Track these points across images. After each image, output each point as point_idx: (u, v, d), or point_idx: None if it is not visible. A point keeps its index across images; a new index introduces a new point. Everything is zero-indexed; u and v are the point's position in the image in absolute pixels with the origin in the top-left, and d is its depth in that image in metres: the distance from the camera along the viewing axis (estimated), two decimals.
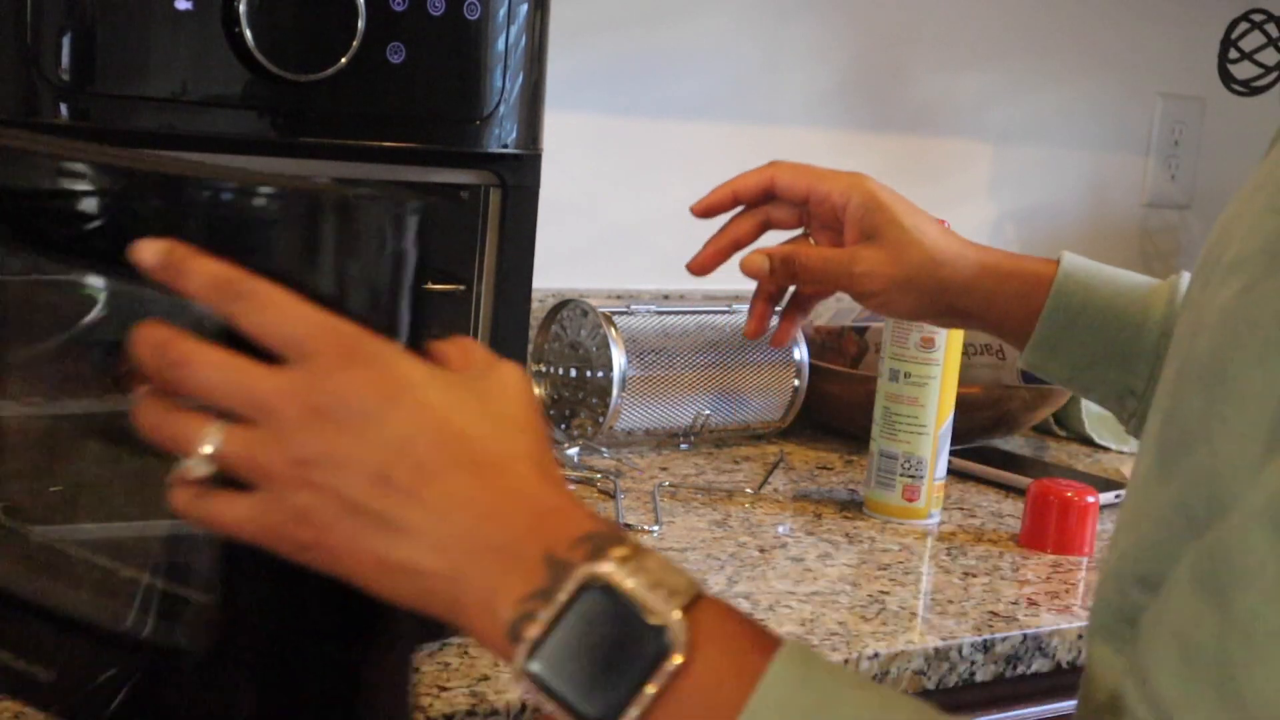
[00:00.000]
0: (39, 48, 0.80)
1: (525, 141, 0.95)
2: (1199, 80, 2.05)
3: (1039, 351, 0.98)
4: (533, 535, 0.58)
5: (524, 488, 0.60)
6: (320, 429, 0.58)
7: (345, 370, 0.58)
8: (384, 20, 0.87)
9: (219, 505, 0.60)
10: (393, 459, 0.58)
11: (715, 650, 0.56)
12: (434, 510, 0.58)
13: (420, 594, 0.60)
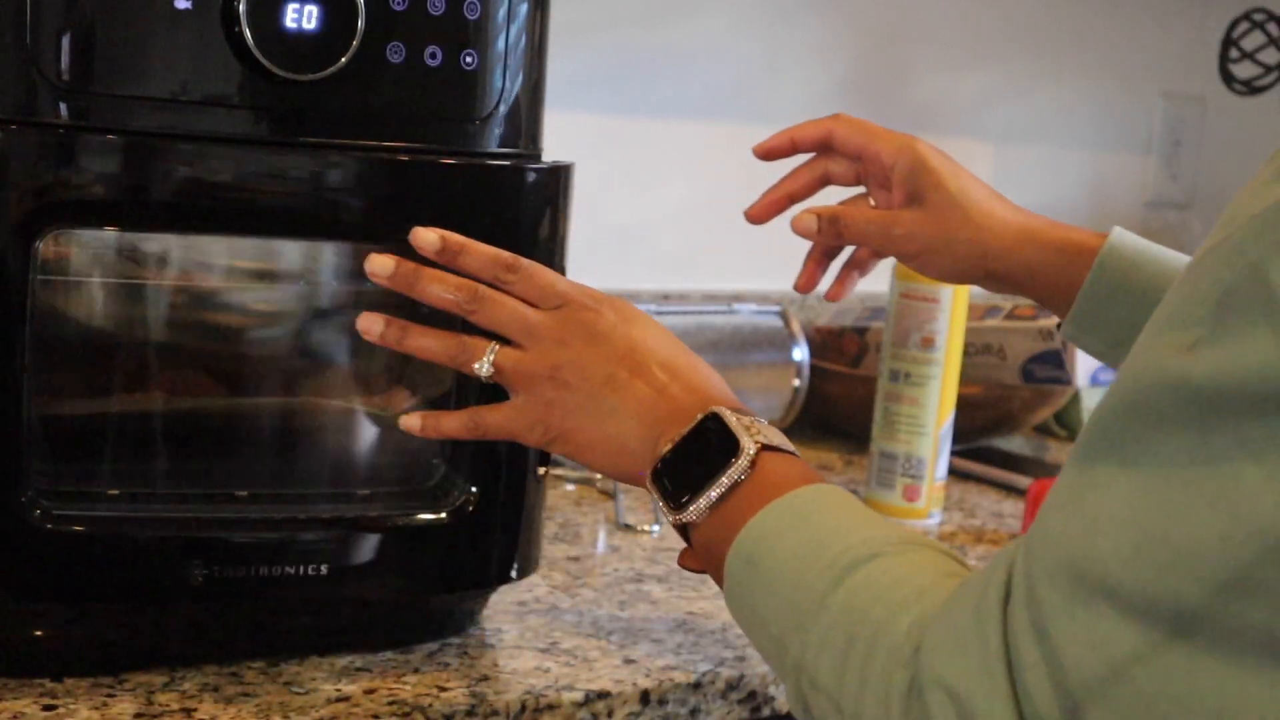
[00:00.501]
0: (39, 48, 0.80)
1: (525, 141, 0.95)
2: (1200, 80, 2.05)
3: (1077, 324, 0.98)
4: (700, 404, 0.80)
5: (703, 384, 0.82)
6: (571, 345, 0.83)
7: (590, 309, 0.84)
8: (384, 20, 0.87)
9: (487, 415, 0.85)
10: (618, 362, 0.82)
11: (769, 476, 0.75)
12: (642, 396, 0.81)
13: (619, 454, 0.82)
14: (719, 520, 0.76)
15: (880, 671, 0.64)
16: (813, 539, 0.71)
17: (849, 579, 0.68)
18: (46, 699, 0.84)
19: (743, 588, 0.73)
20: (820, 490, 0.75)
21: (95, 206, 0.84)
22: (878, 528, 0.71)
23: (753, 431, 0.77)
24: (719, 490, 0.76)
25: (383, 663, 0.93)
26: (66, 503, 0.88)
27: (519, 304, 0.84)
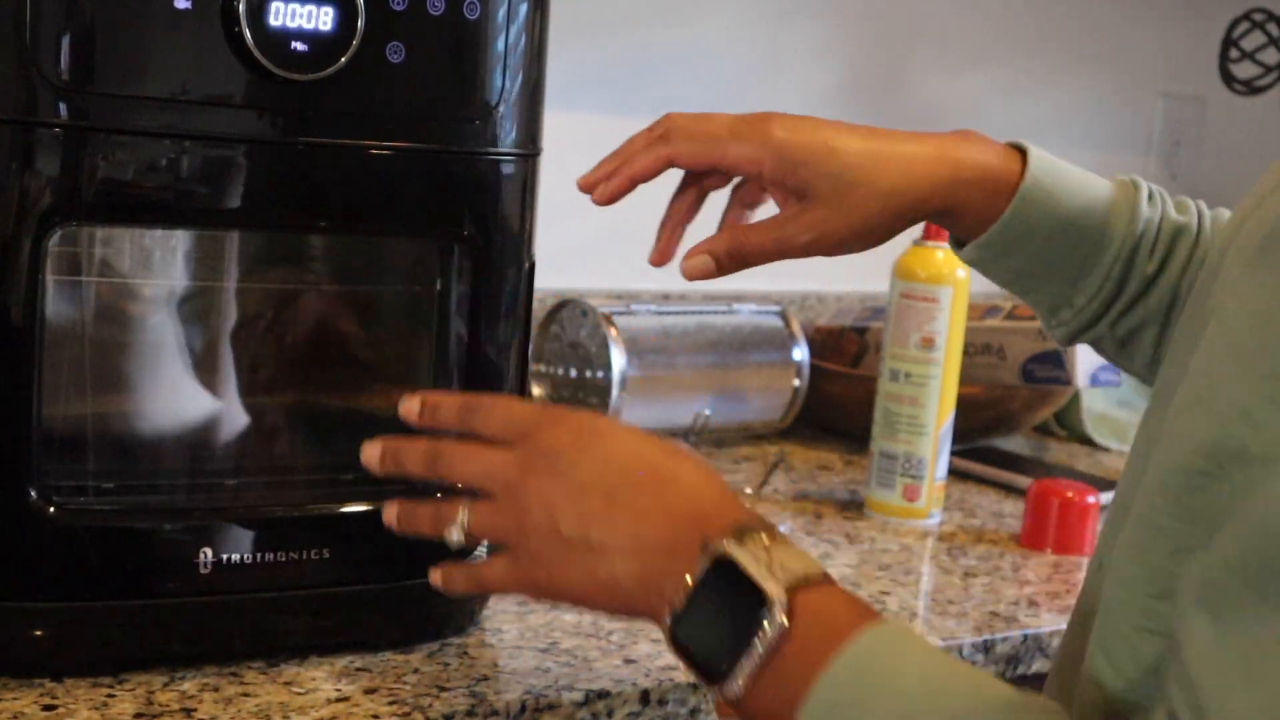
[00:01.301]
0: (38, 48, 0.80)
1: (525, 142, 0.95)
2: (1200, 80, 2.05)
3: (985, 250, 0.92)
4: (696, 529, 0.71)
5: (690, 492, 0.74)
6: (535, 483, 0.75)
7: (549, 433, 0.76)
8: (384, 20, 0.87)
9: (484, 573, 0.81)
10: (587, 494, 0.74)
11: (814, 623, 0.66)
12: (626, 529, 0.73)
13: (620, 598, 0.74)
14: (770, 685, 0.67)
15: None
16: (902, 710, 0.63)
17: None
18: (46, 699, 0.84)
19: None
20: (885, 635, 0.66)
21: (96, 206, 0.84)
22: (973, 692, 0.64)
23: (774, 569, 0.68)
24: (758, 657, 0.67)
25: (383, 663, 0.93)
26: (78, 497, 0.88)
27: (481, 451, 0.79)
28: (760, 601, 0.67)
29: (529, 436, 0.77)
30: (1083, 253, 0.92)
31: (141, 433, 0.96)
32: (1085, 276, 0.93)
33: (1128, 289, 0.93)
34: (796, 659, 0.66)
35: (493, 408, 0.80)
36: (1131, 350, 0.96)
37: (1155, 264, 0.93)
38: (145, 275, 0.94)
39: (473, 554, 0.89)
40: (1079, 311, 0.94)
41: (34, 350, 0.83)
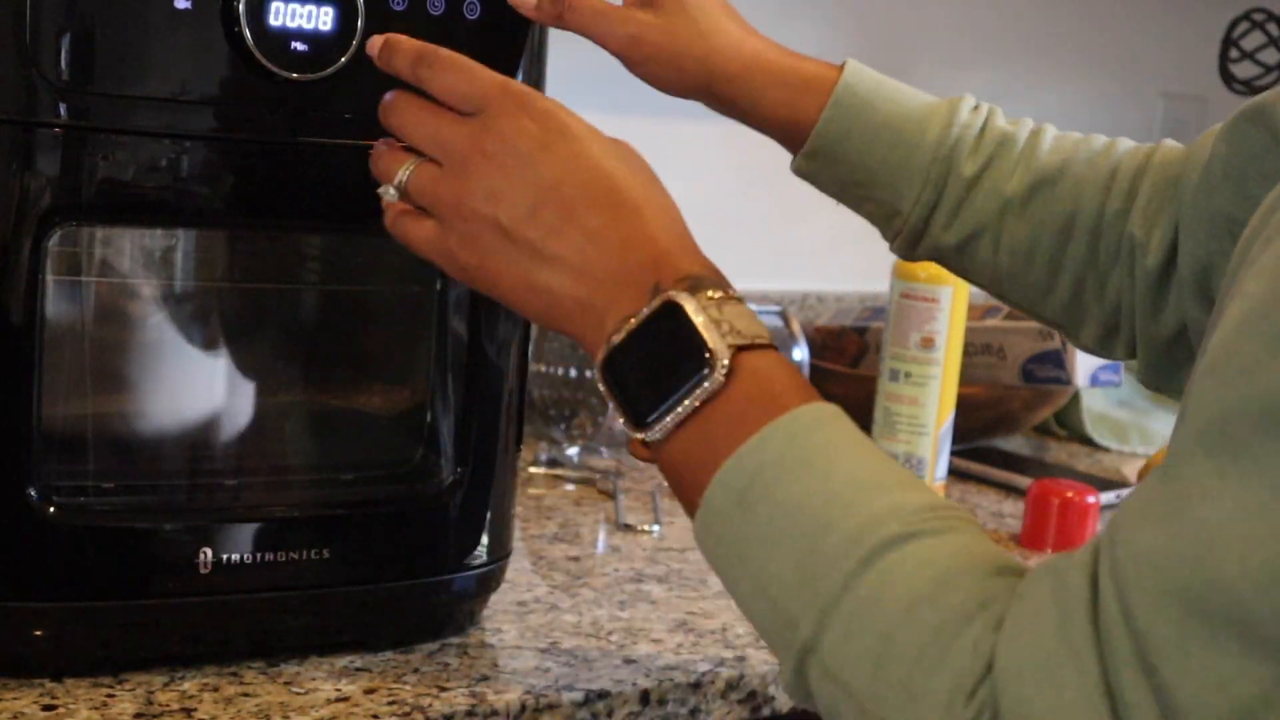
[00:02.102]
0: (38, 48, 0.80)
1: None
2: (1200, 80, 2.05)
3: (812, 160, 0.94)
4: (649, 269, 0.68)
5: (651, 230, 0.70)
6: (485, 167, 0.71)
7: (512, 118, 0.72)
8: (384, 20, 0.87)
9: (409, 225, 0.76)
10: (543, 197, 0.70)
11: (753, 387, 0.65)
12: (573, 245, 0.70)
13: (553, 313, 0.71)
14: (690, 439, 0.66)
15: (933, 690, 0.56)
16: (827, 491, 0.62)
17: (881, 560, 0.59)
18: (46, 699, 0.84)
19: (729, 528, 0.64)
20: (822, 415, 0.66)
21: (96, 206, 0.84)
22: (905, 488, 0.63)
23: (723, 328, 0.65)
24: (687, 406, 0.65)
25: (383, 663, 0.93)
26: (78, 497, 0.88)
27: (433, 114, 0.75)
28: (701, 354, 0.65)
29: (487, 112, 0.73)
30: (901, 154, 0.94)
31: (141, 433, 0.96)
32: (907, 180, 0.94)
33: (949, 191, 0.94)
34: (726, 418, 0.65)
35: (449, 66, 0.75)
36: (971, 259, 0.96)
37: (975, 166, 0.94)
38: (145, 275, 0.94)
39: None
40: (907, 218, 0.95)
41: (34, 350, 0.83)
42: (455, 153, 0.73)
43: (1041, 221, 0.93)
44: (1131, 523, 0.54)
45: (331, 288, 1.03)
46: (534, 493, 1.35)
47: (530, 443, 1.45)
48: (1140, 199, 0.91)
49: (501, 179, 0.71)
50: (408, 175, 0.75)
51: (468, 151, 0.73)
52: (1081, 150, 0.95)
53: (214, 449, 0.97)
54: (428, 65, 0.76)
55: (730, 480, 0.64)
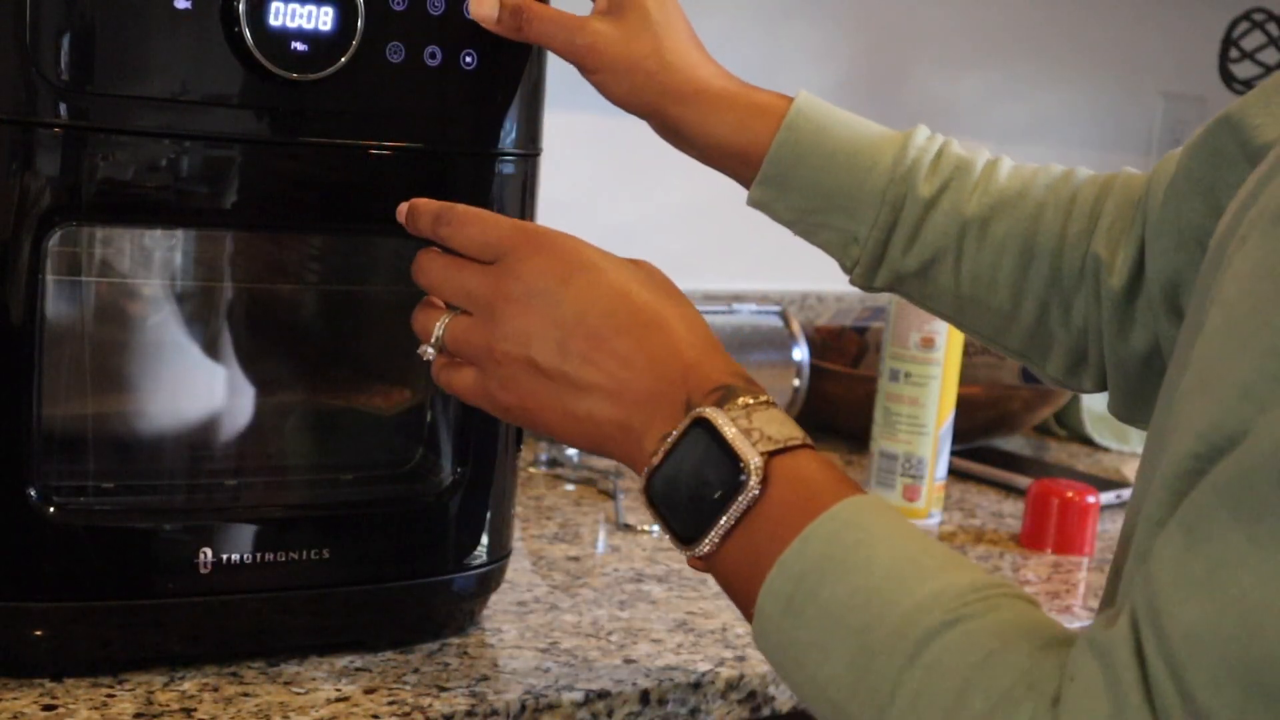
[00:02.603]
0: (38, 48, 0.80)
1: (525, 142, 0.95)
2: (1200, 80, 2.05)
3: (766, 188, 0.94)
4: (680, 385, 0.71)
5: (678, 345, 0.72)
6: (511, 311, 0.74)
7: (530, 260, 0.75)
8: (384, 20, 0.87)
9: (451, 375, 0.79)
10: (570, 330, 0.73)
11: (789, 491, 0.66)
12: (606, 371, 0.72)
13: (597, 439, 0.74)
14: (739, 549, 0.67)
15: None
16: (869, 587, 0.62)
17: (927, 652, 0.59)
18: (46, 699, 0.84)
19: (783, 635, 0.65)
20: (860, 508, 0.66)
21: (96, 206, 0.84)
22: (945, 572, 0.62)
23: (754, 436, 0.67)
24: (728, 521, 0.67)
25: (383, 663, 0.93)
26: (78, 497, 0.88)
27: (455, 266, 0.78)
28: (735, 466, 0.67)
29: (507, 258, 0.76)
30: (856, 178, 0.93)
31: (141, 433, 0.96)
32: (863, 203, 0.93)
33: (907, 213, 0.93)
34: (769, 524, 0.66)
35: (465, 222, 0.78)
36: (932, 284, 0.95)
37: (933, 188, 0.93)
38: (145, 275, 0.94)
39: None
40: (864, 243, 0.94)
41: (34, 350, 0.83)
42: (482, 301, 0.76)
43: (1002, 244, 0.93)
44: (1171, 595, 0.53)
45: (331, 288, 1.03)
46: (534, 493, 1.35)
47: (530, 443, 1.45)
48: (1104, 219, 0.91)
49: (528, 319, 0.74)
50: (443, 330, 0.78)
51: (493, 298, 0.75)
52: (1040, 176, 0.95)
53: (214, 449, 0.97)
54: (446, 223, 0.79)
55: (777, 588, 0.65)
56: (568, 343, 0.73)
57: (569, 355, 0.73)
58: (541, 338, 0.73)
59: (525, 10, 0.91)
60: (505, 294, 0.75)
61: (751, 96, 0.95)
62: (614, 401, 0.72)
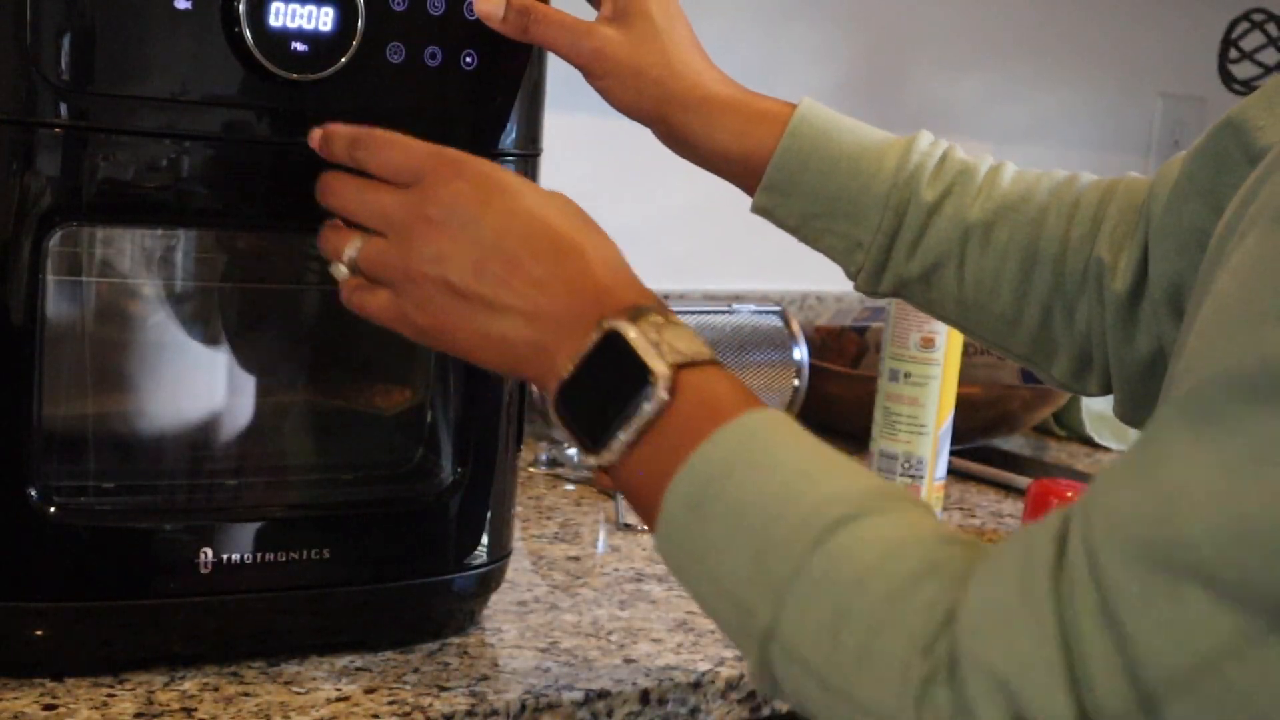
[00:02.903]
0: (39, 48, 0.80)
1: (525, 142, 0.95)
2: (1199, 80, 2.05)
3: (770, 195, 0.95)
4: (595, 306, 0.72)
5: (593, 270, 0.74)
6: (429, 233, 0.75)
7: (449, 184, 0.76)
8: (384, 20, 0.87)
9: (364, 297, 0.79)
10: (488, 253, 0.74)
11: (697, 401, 0.68)
12: (521, 293, 0.73)
13: (510, 360, 0.75)
14: (644, 457, 0.69)
15: (888, 652, 0.58)
16: (775, 484, 0.64)
17: (831, 541, 0.61)
18: (47, 699, 0.84)
19: (686, 534, 0.66)
20: (767, 419, 0.68)
21: (96, 206, 0.84)
22: (849, 476, 0.65)
23: (662, 348, 0.69)
24: (636, 426, 0.68)
25: (383, 663, 0.93)
26: (78, 497, 0.88)
27: (371, 189, 0.79)
28: (644, 375, 0.68)
29: (424, 181, 0.77)
30: (859, 183, 0.94)
31: (142, 432, 0.96)
32: (866, 208, 0.94)
33: (910, 219, 0.93)
34: (674, 433, 0.68)
35: (383, 145, 0.79)
36: (936, 290, 0.95)
37: (936, 193, 0.93)
38: (145, 275, 0.94)
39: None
40: (868, 248, 0.94)
41: (34, 350, 0.83)
42: (398, 223, 0.77)
43: (1005, 250, 0.93)
44: (1105, 484, 0.55)
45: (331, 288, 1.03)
46: (534, 493, 1.35)
47: (530, 443, 1.45)
48: (1107, 223, 0.91)
49: (446, 241, 0.75)
50: (357, 251, 0.78)
51: (410, 220, 0.76)
52: (1044, 181, 0.95)
53: (214, 449, 0.97)
54: (363, 147, 0.79)
55: (683, 488, 0.66)
56: (485, 265, 0.74)
57: (485, 277, 0.74)
58: (459, 259, 0.74)
59: (532, 11, 0.91)
60: (423, 216, 0.76)
61: (755, 103, 0.96)
62: (528, 322, 0.73)
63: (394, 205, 0.77)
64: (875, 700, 0.58)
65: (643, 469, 0.69)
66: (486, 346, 0.75)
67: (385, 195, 0.78)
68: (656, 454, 0.68)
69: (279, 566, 0.90)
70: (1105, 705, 0.52)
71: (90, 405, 0.93)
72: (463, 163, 0.77)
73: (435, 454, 0.98)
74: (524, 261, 0.74)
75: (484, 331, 0.75)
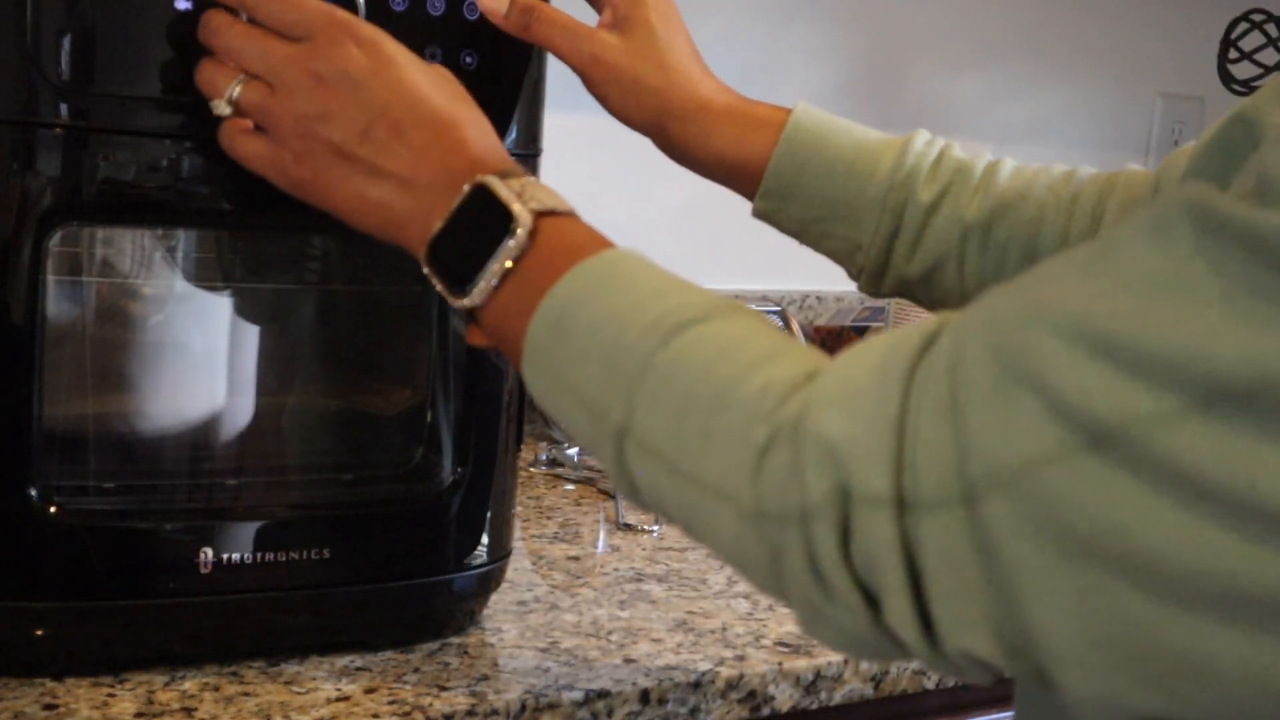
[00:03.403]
0: (39, 48, 0.80)
1: (525, 142, 0.95)
2: (1199, 80, 2.05)
3: (769, 200, 0.95)
4: (467, 172, 0.74)
5: (469, 142, 0.76)
6: (318, 90, 0.77)
7: (340, 46, 0.77)
8: (384, 20, 0.87)
9: (242, 140, 0.80)
10: (375, 118, 0.76)
11: (557, 243, 0.71)
12: (403, 160, 0.76)
13: (384, 223, 0.77)
14: (509, 297, 0.72)
15: (729, 427, 0.61)
16: (628, 300, 0.68)
17: (677, 339, 0.65)
18: (47, 698, 0.84)
19: (548, 356, 0.69)
20: (623, 253, 0.71)
21: (96, 206, 0.84)
22: (695, 291, 0.68)
23: (525, 197, 0.72)
24: (499, 267, 0.71)
25: (383, 663, 0.93)
26: (79, 497, 0.88)
27: (259, 34, 0.79)
28: (506, 220, 0.72)
29: (316, 39, 0.78)
30: (857, 184, 0.94)
31: (142, 432, 0.96)
32: (864, 210, 0.94)
33: (908, 219, 0.94)
34: (537, 272, 0.71)
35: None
36: (937, 289, 0.96)
37: (933, 193, 0.94)
38: (145, 275, 0.94)
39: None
40: (868, 250, 0.95)
41: (35, 350, 0.83)
42: (285, 74, 0.78)
43: (1005, 248, 0.93)
44: (994, 293, 0.57)
45: (331, 288, 1.03)
46: (534, 493, 1.35)
47: (530, 443, 1.45)
48: (1108, 218, 0.91)
49: (334, 101, 0.76)
50: (239, 91, 0.79)
51: (298, 74, 0.77)
52: (1041, 177, 0.95)
53: (214, 449, 0.97)
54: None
55: (545, 315, 0.69)
56: (371, 129, 0.76)
57: (370, 141, 0.76)
58: (347, 121, 0.76)
59: (535, 9, 0.92)
60: (313, 72, 0.77)
61: (751, 110, 0.96)
62: (406, 189, 0.76)
63: (282, 56, 0.78)
64: (718, 474, 0.61)
65: (509, 310, 0.72)
66: (363, 208, 0.77)
67: (274, 44, 0.78)
68: (519, 292, 0.71)
69: (279, 566, 0.90)
70: (925, 491, 0.54)
71: (90, 405, 0.93)
72: (355, 26, 0.79)
73: (435, 454, 0.98)
74: (407, 130, 0.76)
75: (361, 193, 0.76)
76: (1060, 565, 0.51)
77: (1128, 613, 0.51)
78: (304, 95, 0.77)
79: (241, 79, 0.79)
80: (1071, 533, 0.51)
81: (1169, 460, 0.49)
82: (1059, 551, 0.51)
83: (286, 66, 0.78)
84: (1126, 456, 0.50)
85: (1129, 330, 0.50)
